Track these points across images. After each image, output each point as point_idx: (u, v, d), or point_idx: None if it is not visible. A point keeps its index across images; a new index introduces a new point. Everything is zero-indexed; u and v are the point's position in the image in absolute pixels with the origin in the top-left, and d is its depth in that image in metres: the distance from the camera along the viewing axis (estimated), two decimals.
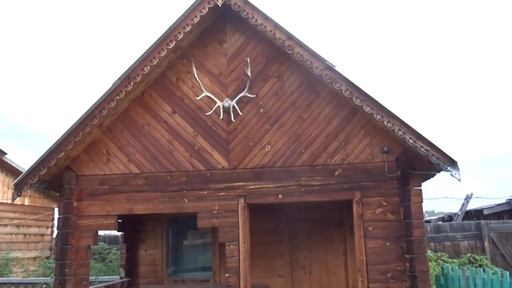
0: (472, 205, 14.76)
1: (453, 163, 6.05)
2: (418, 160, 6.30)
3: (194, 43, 7.04)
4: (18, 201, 11.93)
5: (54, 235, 14.54)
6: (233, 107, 6.62)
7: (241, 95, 6.66)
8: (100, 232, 10.95)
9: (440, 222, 14.20)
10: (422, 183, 6.51)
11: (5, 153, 13.18)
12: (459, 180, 5.95)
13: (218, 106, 6.63)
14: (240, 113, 6.71)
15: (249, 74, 6.55)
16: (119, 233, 9.67)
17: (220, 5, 6.49)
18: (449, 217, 15.90)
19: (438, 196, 7.45)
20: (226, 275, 6.54)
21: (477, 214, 14.37)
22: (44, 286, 9.87)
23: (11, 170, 13.35)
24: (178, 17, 6.51)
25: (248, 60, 6.58)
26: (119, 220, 7.21)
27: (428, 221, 14.95)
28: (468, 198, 14.31)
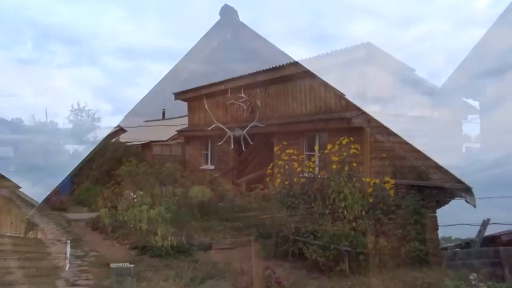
0: (489, 231, 14.35)
1: (467, 190, 5.95)
2: (432, 186, 6.21)
3: None
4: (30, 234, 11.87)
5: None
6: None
7: (251, 124, 6.70)
8: None
9: (457, 249, 13.77)
10: (437, 210, 6.40)
11: (19, 187, 13.22)
12: (475, 206, 5.86)
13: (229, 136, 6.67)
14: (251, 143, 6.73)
15: (259, 104, 6.62)
16: None
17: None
18: (467, 244, 15.42)
19: (455, 223, 7.28)
20: None
21: (495, 240, 13.92)
22: None
23: (25, 204, 13.31)
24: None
25: (259, 91, 6.67)
26: None
27: (445, 248, 14.52)
28: (485, 224, 13.95)
